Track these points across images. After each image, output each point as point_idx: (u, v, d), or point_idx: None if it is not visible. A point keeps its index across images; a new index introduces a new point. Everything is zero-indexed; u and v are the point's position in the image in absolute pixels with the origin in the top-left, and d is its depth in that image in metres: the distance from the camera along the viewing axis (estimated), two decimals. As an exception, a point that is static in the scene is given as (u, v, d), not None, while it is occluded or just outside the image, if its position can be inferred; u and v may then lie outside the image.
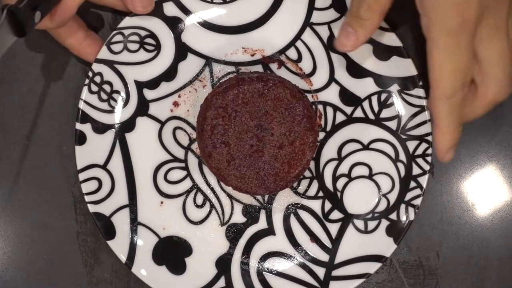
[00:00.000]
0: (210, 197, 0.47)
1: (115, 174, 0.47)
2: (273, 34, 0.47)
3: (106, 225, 0.46)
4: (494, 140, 0.49)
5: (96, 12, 0.49)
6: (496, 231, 0.49)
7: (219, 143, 0.44)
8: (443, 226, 0.49)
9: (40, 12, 0.38)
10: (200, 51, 0.47)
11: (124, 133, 0.47)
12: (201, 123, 0.44)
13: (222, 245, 0.47)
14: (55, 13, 0.40)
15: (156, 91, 0.47)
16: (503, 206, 0.49)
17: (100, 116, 0.47)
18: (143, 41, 0.47)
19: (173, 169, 0.47)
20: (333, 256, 0.47)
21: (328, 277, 0.46)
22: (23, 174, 0.49)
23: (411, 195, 0.46)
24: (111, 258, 0.48)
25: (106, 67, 0.46)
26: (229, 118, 0.44)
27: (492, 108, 0.41)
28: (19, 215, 0.49)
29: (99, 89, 0.46)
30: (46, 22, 0.41)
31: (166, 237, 0.47)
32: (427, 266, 0.48)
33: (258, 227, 0.47)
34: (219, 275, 0.47)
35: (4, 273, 0.48)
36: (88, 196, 0.46)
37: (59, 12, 0.40)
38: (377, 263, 0.46)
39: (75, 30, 0.44)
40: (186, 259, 0.47)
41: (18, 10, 0.36)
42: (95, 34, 0.47)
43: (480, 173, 0.49)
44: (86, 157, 0.46)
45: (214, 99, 0.44)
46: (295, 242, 0.47)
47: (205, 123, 0.44)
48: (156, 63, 0.47)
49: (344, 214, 0.47)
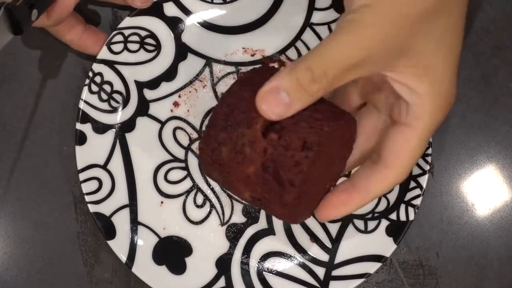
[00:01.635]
0: (210, 197, 0.47)
1: (115, 174, 0.47)
2: (273, 34, 0.47)
3: (106, 225, 0.46)
4: (494, 140, 0.49)
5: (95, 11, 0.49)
6: (496, 231, 0.49)
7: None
8: (443, 226, 0.49)
9: (37, 10, 0.38)
10: (200, 51, 0.47)
11: (124, 133, 0.47)
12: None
13: (222, 245, 0.47)
14: (52, 11, 0.40)
15: (156, 91, 0.47)
16: (503, 206, 0.49)
17: (100, 116, 0.47)
18: (143, 41, 0.47)
19: (173, 169, 0.47)
20: (333, 256, 0.47)
21: (328, 277, 0.46)
22: (23, 174, 0.49)
23: (411, 195, 0.46)
24: (111, 258, 0.48)
25: (106, 67, 0.46)
26: None
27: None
28: (19, 215, 0.49)
29: (99, 89, 0.46)
30: (43, 20, 0.40)
31: (166, 237, 0.47)
32: (427, 266, 0.48)
33: (258, 227, 0.47)
34: (219, 275, 0.47)
35: (4, 273, 0.48)
36: (88, 196, 0.46)
37: (56, 10, 0.40)
38: (377, 263, 0.46)
39: (73, 25, 0.44)
40: (186, 259, 0.47)
41: (15, 8, 0.36)
42: (94, 27, 0.47)
43: (480, 173, 0.49)
44: (86, 157, 0.46)
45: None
46: (295, 242, 0.47)
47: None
48: (156, 63, 0.47)
49: (344, 214, 0.47)
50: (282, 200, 0.33)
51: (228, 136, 0.33)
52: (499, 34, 0.50)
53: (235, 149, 0.33)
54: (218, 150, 0.33)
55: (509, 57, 0.50)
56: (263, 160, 0.32)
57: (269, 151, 0.32)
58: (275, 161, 0.32)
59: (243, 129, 0.32)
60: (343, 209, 0.36)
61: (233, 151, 0.33)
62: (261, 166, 0.32)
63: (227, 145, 0.33)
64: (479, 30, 0.50)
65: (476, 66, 0.49)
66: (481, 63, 0.49)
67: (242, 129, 0.32)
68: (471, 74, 0.49)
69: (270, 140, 0.32)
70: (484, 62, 0.49)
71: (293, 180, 0.32)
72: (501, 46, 0.50)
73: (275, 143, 0.32)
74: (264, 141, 0.32)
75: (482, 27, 0.50)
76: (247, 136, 0.32)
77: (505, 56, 0.49)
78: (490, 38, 0.50)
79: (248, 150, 0.32)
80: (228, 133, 0.33)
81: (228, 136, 0.33)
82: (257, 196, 0.34)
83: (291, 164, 0.32)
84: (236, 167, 0.33)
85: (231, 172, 0.34)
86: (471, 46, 0.49)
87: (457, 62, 0.33)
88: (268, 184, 0.32)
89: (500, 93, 0.49)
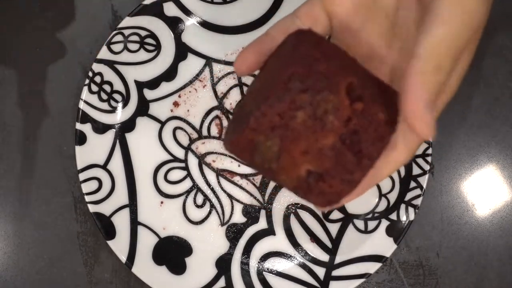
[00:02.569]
0: (210, 197, 0.47)
1: (115, 174, 0.47)
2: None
3: (106, 225, 0.46)
4: (494, 140, 0.49)
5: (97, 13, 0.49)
6: (496, 231, 0.49)
7: None
8: (443, 226, 0.49)
9: None
10: (200, 51, 0.47)
11: (124, 133, 0.47)
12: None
13: (222, 245, 0.47)
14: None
15: (156, 91, 0.47)
16: (503, 206, 0.49)
17: (100, 116, 0.47)
18: (143, 41, 0.47)
19: (173, 169, 0.47)
20: (333, 256, 0.47)
21: (328, 277, 0.46)
22: (23, 174, 0.49)
23: (411, 195, 0.46)
24: (111, 258, 0.48)
25: (106, 67, 0.46)
26: None
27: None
28: (19, 215, 0.49)
29: (99, 89, 0.46)
30: None
31: (166, 237, 0.47)
32: (427, 266, 0.48)
33: (258, 227, 0.47)
34: (219, 275, 0.47)
35: (4, 273, 0.48)
36: (88, 196, 0.46)
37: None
38: (377, 263, 0.46)
39: None
40: (186, 259, 0.47)
41: None
42: None
43: (480, 173, 0.49)
44: (86, 157, 0.46)
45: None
46: (295, 242, 0.47)
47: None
48: (156, 63, 0.47)
49: (344, 214, 0.47)
50: (350, 175, 0.30)
51: (308, 100, 0.29)
52: (499, 34, 0.50)
53: (314, 115, 0.29)
54: (288, 115, 0.29)
55: (509, 57, 0.50)
56: (344, 130, 0.29)
57: (353, 121, 0.29)
58: (358, 132, 0.29)
59: (326, 94, 0.29)
60: (354, 195, 0.33)
61: (312, 118, 0.29)
62: (340, 137, 0.29)
63: (306, 110, 0.29)
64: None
65: (476, 66, 0.49)
66: (481, 63, 0.49)
67: (325, 93, 0.29)
68: (471, 74, 0.49)
69: (354, 109, 0.29)
70: (484, 62, 0.49)
71: (372, 154, 0.29)
72: (501, 46, 0.50)
73: (358, 113, 0.29)
74: (349, 109, 0.29)
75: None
76: (331, 102, 0.29)
77: (505, 56, 0.50)
78: (490, 38, 0.50)
79: (331, 118, 0.29)
80: (307, 96, 0.29)
81: (308, 100, 0.29)
82: (319, 171, 0.30)
83: (375, 138, 0.29)
84: (310, 136, 0.29)
85: (299, 139, 0.29)
86: (471, 46, 0.49)
87: None
88: (342, 157, 0.29)
89: (500, 93, 0.49)
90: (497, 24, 0.50)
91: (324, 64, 0.29)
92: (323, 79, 0.29)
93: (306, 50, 0.30)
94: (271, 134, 0.29)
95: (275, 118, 0.29)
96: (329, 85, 0.29)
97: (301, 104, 0.29)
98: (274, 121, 0.29)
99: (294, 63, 0.29)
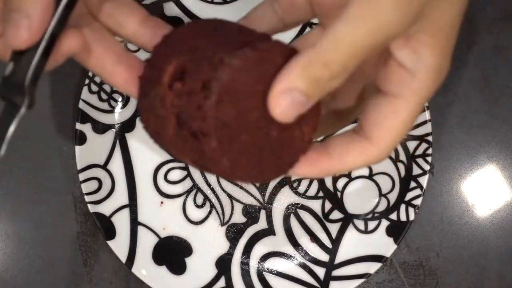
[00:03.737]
0: (210, 197, 0.47)
1: (115, 174, 0.47)
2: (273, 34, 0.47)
3: (106, 225, 0.46)
4: (494, 140, 0.49)
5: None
6: (496, 231, 0.49)
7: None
8: (443, 226, 0.49)
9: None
10: (200, 51, 0.47)
11: (124, 133, 0.47)
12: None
13: (222, 245, 0.47)
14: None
15: (156, 91, 0.47)
16: (503, 206, 0.49)
17: (100, 116, 0.47)
18: (143, 41, 0.47)
19: (173, 169, 0.47)
20: (333, 256, 0.46)
21: (328, 277, 0.46)
22: (23, 174, 0.49)
23: (411, 195, 0.46)
24: (111, 258, 0.48)
25: (106, 67, 0.46)
26: None
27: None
28: (19, 215, 0.49)
29: (99, 89, 0.46)
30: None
31: (166, 237, 0.47)
32: (427, 266, 0.48)
33: (258, 227, 0.47)
34: (219, 275, 0.47)
35: (4, 273, 0.48)
36: (88, 196, 0.46)
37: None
38: (377, 263, 0.45)
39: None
40: (186, 259, 0.47)
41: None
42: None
43: (480, 173, 0.49)
44: (86, 157, 0.46)
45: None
46: (295, 242, 0.47)
47: None
48: (156, 63, 0.47)
49: (344, 214, 0.47)
50: (208, 156, 0.26)
51: (147, 104, 0.27)
52: (499, 34, 0.50)
53: (154, 114, 0.27)
54: (147, 122, 0.28)
55: (509, 57, 0.50)
56: (175, 116, 0.26)
57: (175, 103, 0.26)
58: (183, 112, 0.26)
59: (155, 87, 0.27)
60: (305, 169, 0.31)
61: (154, 117, 0.27)
62: (177, 123, 0.26)
63: (150, 112, 0.28)
64: (480, 30, 0.49)
65: (476, 66, 0.49)
66: (481, 63, 0.49)
67: (155, 88, 0.27)
68: (471, 74, 0.49)
69: (175, 90, 0.26)
70: (484, 62, 0.49)
71: (202, 128, 0.25)
72: (501, 46, 0.50)
73: (179, 92, 0.26)
74: (170, 93, 0.26)
75: (483, 27, 0.50)
76: (159, 94, 0.27)
77: (505, 56, 0.49)
78: (490, 38, 0.50)
79: (161, 111, 0.26)
80: (147, 99, 0.27)
81: (147, 104, 0.27)
82: (195, 159, 0.28)
83: (194, 110, 0.25)
84: (163, 134, 0.27)
85: (163, 141, 0.28)
86: (471, 46, 0.49)
87: (456, 36, 0.29)
88: (188, 142, 0.26)
89: (500, 93, 0.49)
90: (498, 24, 0.50)
91: (153, 58, 0.28)
92: (154, 72, 0.27)
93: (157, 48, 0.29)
94: (162, 146, 0.29)
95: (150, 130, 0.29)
96: (157, 76, 0.27)
97: (146, 108, 0.28)
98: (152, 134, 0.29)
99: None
